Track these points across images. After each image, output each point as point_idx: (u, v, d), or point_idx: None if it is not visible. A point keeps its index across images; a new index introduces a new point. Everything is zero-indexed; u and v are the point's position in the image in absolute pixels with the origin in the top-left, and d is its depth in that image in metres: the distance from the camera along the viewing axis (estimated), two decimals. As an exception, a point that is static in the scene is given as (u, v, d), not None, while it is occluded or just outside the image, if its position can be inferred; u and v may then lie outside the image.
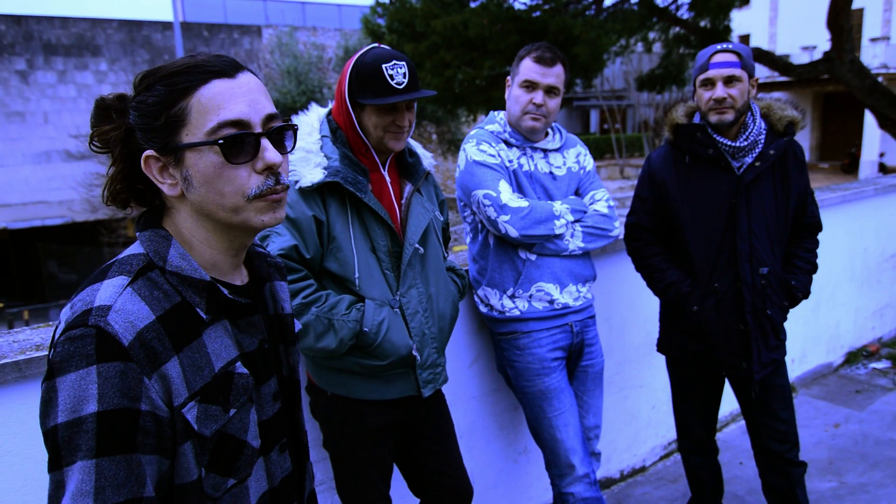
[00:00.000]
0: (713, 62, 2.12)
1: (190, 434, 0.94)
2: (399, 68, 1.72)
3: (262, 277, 1.14)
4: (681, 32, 9.78)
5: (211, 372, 0.97)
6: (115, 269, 0.95)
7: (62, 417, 0.85)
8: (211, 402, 0.96)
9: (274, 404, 1.10)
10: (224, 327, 1.01)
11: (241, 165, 0.95)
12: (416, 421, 1.95)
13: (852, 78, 8.21)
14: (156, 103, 0.93)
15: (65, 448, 0.85)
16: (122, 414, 0.86)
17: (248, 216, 0.97)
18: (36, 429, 1.65)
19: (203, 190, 0.95)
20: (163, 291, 0.95)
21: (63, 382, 0.85)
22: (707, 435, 2.51)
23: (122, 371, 0.86)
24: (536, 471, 2.82)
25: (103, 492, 0.85)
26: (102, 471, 0.85)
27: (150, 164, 0.96)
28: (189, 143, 0.93)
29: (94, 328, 0.87)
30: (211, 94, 0.93)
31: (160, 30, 19.10)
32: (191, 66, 0.94)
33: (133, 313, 0.90)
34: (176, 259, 0.97)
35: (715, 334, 2.23)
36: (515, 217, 2.10)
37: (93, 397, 0.85)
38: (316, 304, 1.70)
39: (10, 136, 17.00)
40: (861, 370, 4.43)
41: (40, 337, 1.81)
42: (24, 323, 15.24)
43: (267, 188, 0.97)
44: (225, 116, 0.93)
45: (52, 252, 19.74)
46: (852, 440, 3.49)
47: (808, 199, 2.32)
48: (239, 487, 1.02)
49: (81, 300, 0.91)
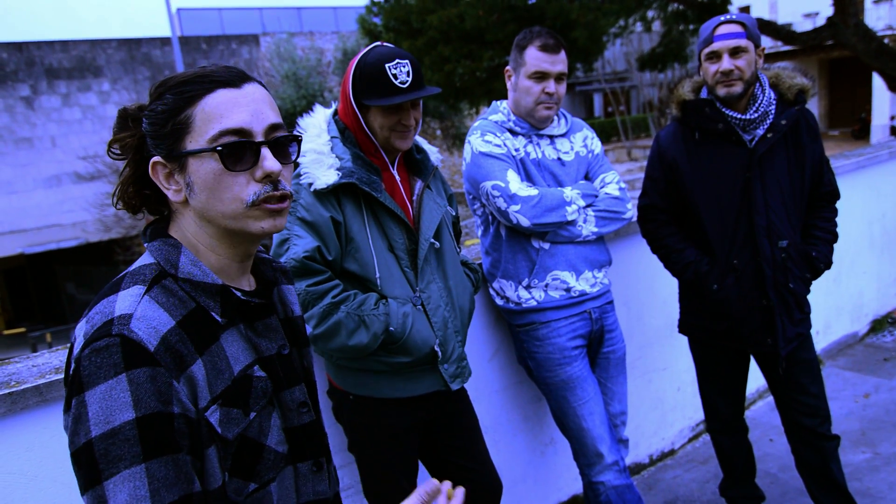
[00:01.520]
0: (717, 34, 2.08)
1: (214, 438, 0.94)
2: (402, 67, 1.69)
3: (270, 282, 1.15)
4: (679, 8, 9.66)
5: (231, 375, 0.97)
6: (128, 280, 0.96)
7: (96, 430, 0.84)
8: (232, 405, 0.97)
9: (301, 414, 1.09)
10: (239, 331, 1.01)
11: (240, 173, 0.97)
12: (441, 418, 1.93)
13: (858, 42, 8.06)
14: (164, 111, 0.96)
15: (103, 461, 0.84)
16: (160, 417, 0.87)
17: (245, 223, 0.98)
18: (61, 452, 1.65)
19: (204, 196, 0.97)
20: (178, 298, 0.96)
21: (93, 395, 0.85)
22: (735, 414, 2.47)
23: (152, 376, 0.87)
24: (565, 461, 2.80)
25: (158, 493, 0.85)
26: (154, 473, 0.85)
27: (156, 170, 0.99)
28: (191, 149, 0.96)
29: (119, 336, 0.87)
30: (215, 103, 0.95)
31: (159, 46, 19.19)
32: (199, 76, 0.97)
33: (155, 319, 0.91)
34: (187, 266, 0.98)
35: (737, 312, 2.19)
36: (526, 206, 2.07)
37: (127, 405, 0.84)
38: (345, 303, 1.69)
39: (20, 163, 17.18)
40: (888, 338, 4.36)
41: (59, 360, 1.81)
42: (47, 345, 15.43)
43: (264, 194, 0.98)
44: (226, 125, 0.95)
45: (70, 274, 19.97)
46: (884, 409, 3.42)
47: (824, 167, 2.26)
48: (261, 492, 1.02)
49: (99, 313, 0.91)
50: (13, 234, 17.09)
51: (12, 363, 1.85)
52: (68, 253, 18.71)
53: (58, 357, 1.84)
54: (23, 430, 1.62)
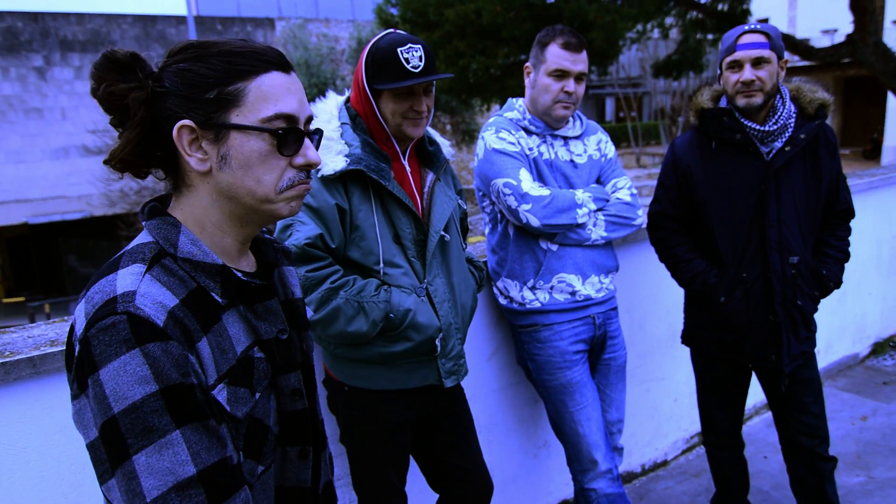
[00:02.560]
0: (741, 43, 2.04)
1: (224, 416, 0.93)
2: (415, 52, 1.67)
3: (270, 263, 1.13)
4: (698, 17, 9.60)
5: (234, 355, 0.96)
6: (126, 259, 0.93)
7: (118, 407, 0.82)
8: (239, 384, 0.96)
9: (294, 401, 1.07)
10: (239, 312, 0.99)
11: (283, 157, 0.97)
12: (436, 415, 1.91)
13: (876, 61, 8.00)
14: (209, 76, 0.92)
15: (131, 435, 0.82)
16: (183, 388, 0.85)
17: (276, 206, 0.99)
18: (52, 426, 1.64)
19: (240, 172, 0.95)
20: (178, 278, 0.93)
21: (108, 373, 0.83)
22: (733, 429, 2.44)
23: (166, 349, 0.85)
24: (557, 465, 2.78)
25: (199, 455, 0.85)
26: (189, 437, 0.85)
27: (182, 134, 0.94)
28: (240, 124, 0.93)
29: (125, 314, 0.85)
30: (271, 83, 0.95)
31: (174, 24, 19.14)
32: (253, 51, 0.95)
33: (158, 296, 0.89)
34: (186, 245, 0.95)
35: (743, 326, 2.16)
36: (537, 206, 2.04)
37: (147, 378, 0.83)
38: (344, 289, 1.67)
39: (29, 133, 17.17)
40: (888, 361, 4.32)
41: (55, 332, 1.79)
42: (45, 316, 15.47)
43: (298, 181, 1.00)
44: (281, 109, 0.95)
45: (72, 246, 20.00)
46: (881, 433, 3.40)
47: (840, 184, 2.23)
48: (266, 475, 1.02)
49: (100, 291, 0.89)
50: (18, 203, 17.10)
51: (8, 333, 1.83)
52: (72, 225, 18.73)
53: (54, 329, 1.83)
54: (14, 401, 1.60)
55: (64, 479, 1.67)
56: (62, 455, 1.66)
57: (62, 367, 1.64)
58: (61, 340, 1.72)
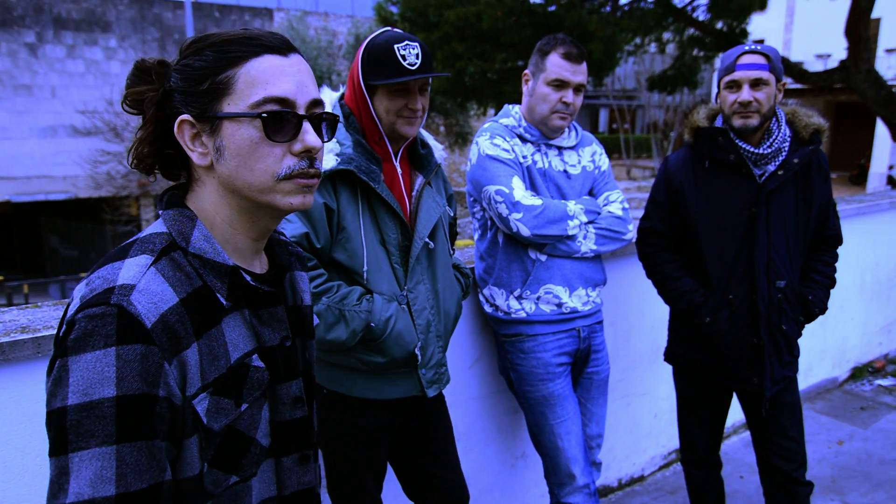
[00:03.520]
0: (740, 63, 2.03)
1: (197, 427, 0.90)
2: (412, 49, 1.65)
3: (283, 266, 1.09)
4: (696, 34, 9.65)
5: (227, 363, 0.93)
6: (137, 247, 0.91)
7: (73, 399, 0.80)
8: (223, 394, 0.92)
9: (294, 409, 1.04)
10: (243, 316, 0.96)
11: (278, 144, 0.92)
12: (416, 421, 1.88)
13: (868, 88, 8.10)
14: (202, 68, 0.91)
15: (73, 432, 0.80)
16: (142, 399, 0.82)
17: (274, 197, 0.94)
18: (17, 414, 1.58)
19: (234, 163, 0.92)
20: (185, 273, 0.91)
21: (77, 362, 0.81)
22: (712, 448, 2.44)
23: (144, 354, 0.82)
24: (534, 477, 2.76)
25: (125, 478, 0.81)
26: (124, 457, 0.81)
27: (183, 130, 0.93)
28: (230, 112, 0.90)
29: (117, 307, 0.82)
30: (261, 67, 0.91)
31: (171, 8, 18.96)
32: (245, 38, 0.92)
33: (157, 294, 0.86)
34: (199, 241, 0.93)
35: (727, 347, 2.16)
36: (528, 215, 2.02)
37: (110, 381, 0.80)
38: (327, 294, 1.64)
39: (16, 109, 16.91)
40: (866, 386, 4.36)
41: (27, 318, 1.74)
42: (23, 297, 15.22)
43: (299, 169, 0.94)
44: (271, 92, 0.91)
45: (55, 227, 19.71)
46: (856, 458, 3.41)
47: (830, 211, 2.23)
48: (241, 486, 0.97)
49: (102, 277, 0.86)
50: (2, 180, 16.83)
51: (-22, 317, 1.77)
52: (56, 206, 18.47)
53: (26, 315, 1.77)
54: (-20, 389, 1.55)
55: (28, 469, 1.62)
56: (27, 445, 1.61)
57: (32, 355, 1.60)
58: (33, 327, 1.67)
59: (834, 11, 12.12)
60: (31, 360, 1.60)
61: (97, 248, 18.12)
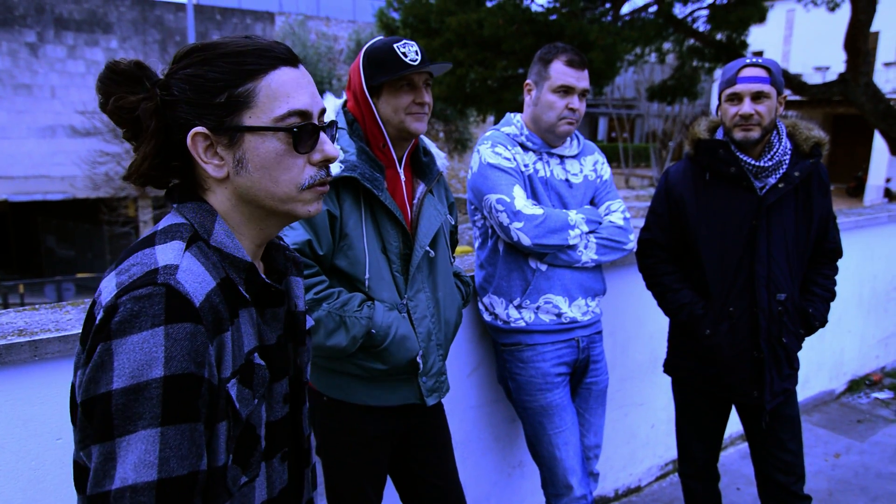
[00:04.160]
0: (742, 76, 2.04)
1: (229, 412, 0.89)
2: (410, 47, 1.68)
3: (280, 271, 1.09)
4: (696, 45, 9.70)
5: (243, 355, 0.93)
6: (161, 236, 0.90)
7: (119, 383, 0.79)
8: (245, 384, 0.92)
9: (283, 406, 1.04)
10: (250, 314, 0.96)
11: (300, 155, 0.94)
12: (415, 430, 1.87)
13: (866, 101, 8.14)
14: (218, 80, 0.90)
15: (119, 416, 0.79)
16: (189, 379, 0.81)
17: (295, 206, 0.96)
18: (14, 418, 1.57)
19: (258, 175, 0.92)
20: (212, 263, 0.91)
21: (123, 345, 0.79)
22: (709, 460, 2.43)
23: (192, 333, 0.82)
24: (530, 486, 2.75)
25: (168, 463, 0.80)
26: (168, 440, 0.80)
27: (196, 142, 0.91)
28: (254, 126, 0.90)
29: (164, 286, 0.82)
30: (281, 80, 0.92)
31: (173, 11, 18.98)
32: (259, 49, 0.92)
33: (200, 275, 0.87)
34: (221, 235, 0.93)
35: (727, 360, 2.15)
36: (529, 225, 2.02)
37: (159, 361, 0.79)
38: (328, 301, 1.64)
39: (16, 109, 16.88)
40: (863, 399, 4.36)
41: (24, 321, 1.73)
42: (19, 297, 15.15)
43: (319, 178, 0.97)
44: (294, 105, 0.92)
45: (52, 227, 19.65)
46: (853, 471, 3.41)
47: (830, 224, 2.24)
48: (248, 487, 0.98)
49: (138, 263, 0.85)
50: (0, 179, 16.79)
51: (-25, 319, 1.76)
52: (53, 206, 18.41)
53: (23, 318, 1.76)
54: (-24, 392, 1.54)
55: (22, 474, 1.60)
56: (22, 449, 1.60)
57: (29, 359, 1.59)
58: (30, 330, 1.65)
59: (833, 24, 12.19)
60: (28, 363, 1.59)
61: (94, 249, 18.08)
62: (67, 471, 1.59)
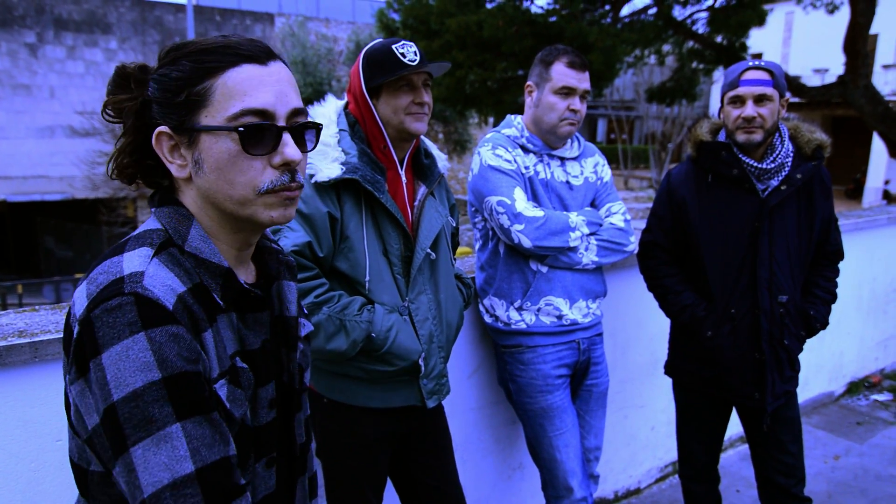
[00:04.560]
0: (744, 79, 2.04)
1: (223, 414, 0.89)
2: (409, 48, 1.69)
3: (271, 276, 1.08)
4: (696, 47, 9.70)
5: (227, 359, 0.92)
6: (133, 242, 0.90)
7: (117, 394, 0.79)
8: (236, 385, 0.92)
9: (269, 412, 1.02)
10: (230, 319, 0.95)
11: (257, 157, 0.90)
12: (415, 433, 1.87)
13: (865, 103, 8.14)
14: (179, 79, 0.88)
15: (128, 425, 0.78)
16: (187, 377, 0.82)
17: (255, 210, 0.92)
18: (13, 420, 1.56)
19: (213, 176, 0.90)
20: (184, 269, 0.90)
21: (109, 357, 0.79)
22: (710, 463, 2.43)
23: (174, 334, 0.81)
24: (530, 489, 2.74)
25: (199, 452, 0.80)
26: (190, 432, 0.80)
27: (161, 141, 0.91)
28: (206, 125, 0.88)
29: (132, 295, 0.81)
30: (239, 78, 0.88)
31: (173, 11, 18.97)
32: (222, 46, 0.89)
33: (167, 279, 0.86)
34: (196, 240, 0.92)
35: (728, 362, 2.15)
36: (530, 227, 2.01)
37: (150, 365, 0.79)
38: (328, 304, 1.63)
39: (15, 109, 16.86)
40: (862, 401, 4.36)
41: (24, 322, 1.73)
42: (17, 297, 15.12)
43: (281, 184, 0.92)
44: (249, 104, 0.88)
45: (50, 227, 19.62)
46: (852, 474, 3.41)
47: (832, 226, 2.24)
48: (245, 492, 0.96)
49: (104, 272, 0.85)
50: (-2, 179, 16.77)
51: (-26, 320, 1.75)
52: (52, 206, 18.39)
53: (23, 319, 1.76)
54: (-25, 393, 1.53)
55: (21, 476, 1.60)
56: (21, 451, 1.59)
57: (29, 360, 1.58)
58: (30, 331, 1.65)
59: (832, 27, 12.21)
60: (28, 364, 1.58)
61: (92, 250, 18.05)
62: (67, 472, 1.58)
